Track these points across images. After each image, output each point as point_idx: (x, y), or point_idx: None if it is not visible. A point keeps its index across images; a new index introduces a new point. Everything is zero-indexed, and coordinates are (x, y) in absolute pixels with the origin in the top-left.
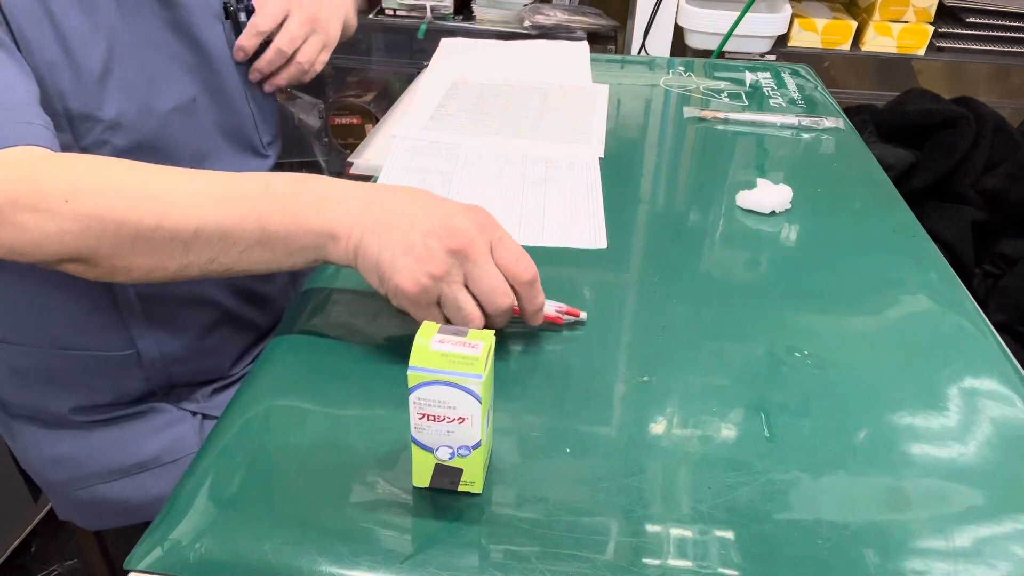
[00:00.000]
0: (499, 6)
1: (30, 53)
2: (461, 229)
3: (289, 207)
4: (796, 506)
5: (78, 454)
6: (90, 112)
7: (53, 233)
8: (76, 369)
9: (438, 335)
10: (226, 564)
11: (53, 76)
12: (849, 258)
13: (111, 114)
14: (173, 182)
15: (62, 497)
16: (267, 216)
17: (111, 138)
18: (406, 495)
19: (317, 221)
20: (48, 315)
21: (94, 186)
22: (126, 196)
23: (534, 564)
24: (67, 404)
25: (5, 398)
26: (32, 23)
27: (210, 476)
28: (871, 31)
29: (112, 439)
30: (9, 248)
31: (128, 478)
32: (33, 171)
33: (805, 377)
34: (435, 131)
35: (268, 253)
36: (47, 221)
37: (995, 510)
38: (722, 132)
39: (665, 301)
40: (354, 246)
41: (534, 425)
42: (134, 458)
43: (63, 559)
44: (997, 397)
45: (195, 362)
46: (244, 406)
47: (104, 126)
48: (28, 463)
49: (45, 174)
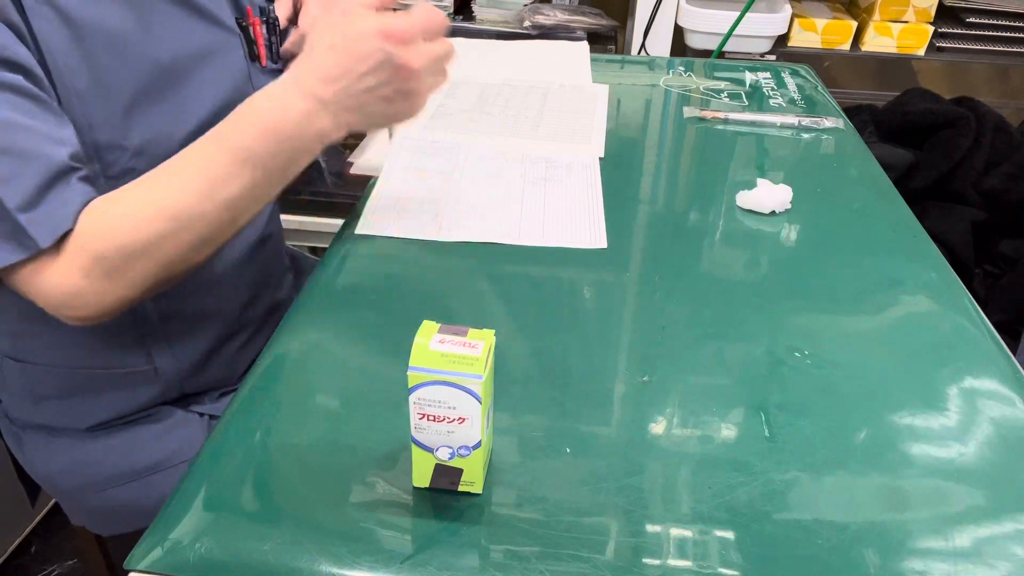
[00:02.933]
0: (499, 6)
1: (62, 84)
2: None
3: (271, 134)
4: (796, 506)
5: (89, 461)
6: (117, 142)
7: (136, 283)
8: (93, 387)
9: (438, 335)
10: (226, 564)
11: (84, 107)
12: (849, 258)
13: (136, 142)
14: (192, 185)
15: (74, 504)
16: (271, 162)
17: (137, 165)
18: (406, 495)
19: (308, 140)
20: (73, 338)
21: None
22: (167, 237)
23: (534, 564)
24: (82, 422)
25: (15, 414)
26: (65, 55)
27: (210, 476)
28: (871, 31)
29: (123, 444)
30: (108, 306)
31: (140, 481)
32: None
33: (805, 377)
34: (436, 130)
35: (288, 168)
36: (124, 279)
37: (995, 510)
38: (722, 132)
39: (665, 301)
40: (345, 130)
41: (534, 425)
42: (145, 461)
43: (63, 559)
44: (997, 397)
45: (209, 373)
46: (244, 407)
47: (130, 154)
48: (37, 472)
49: (98, 237)
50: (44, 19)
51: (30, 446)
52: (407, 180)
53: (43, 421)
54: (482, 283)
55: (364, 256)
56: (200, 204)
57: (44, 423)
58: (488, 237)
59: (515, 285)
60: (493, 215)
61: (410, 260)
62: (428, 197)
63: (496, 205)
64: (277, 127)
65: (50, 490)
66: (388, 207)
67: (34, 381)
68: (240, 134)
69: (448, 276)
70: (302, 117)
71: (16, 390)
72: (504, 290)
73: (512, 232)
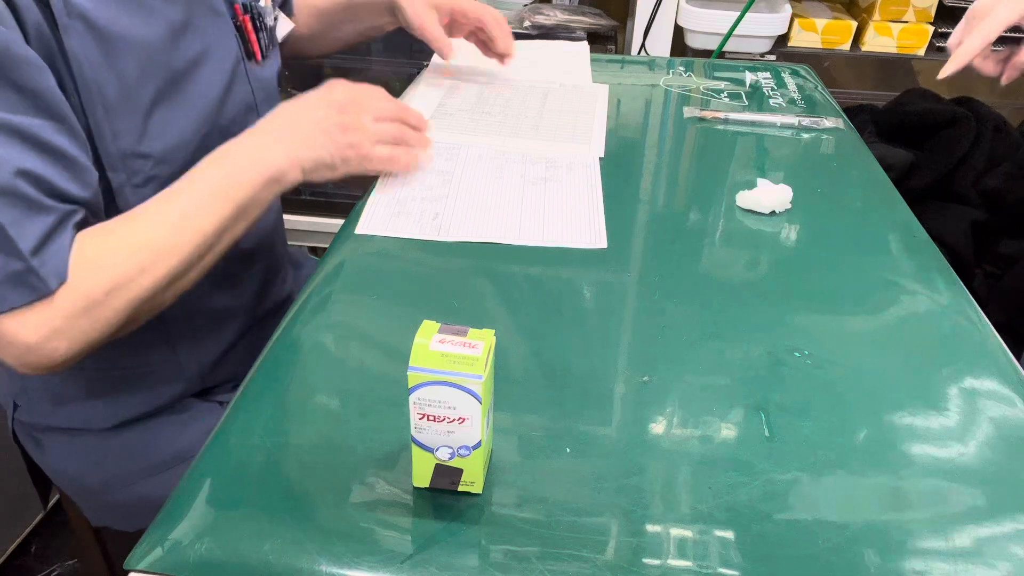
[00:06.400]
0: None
1: (89, 97)
2: (340, 99)
3: (244, 178)
4: (796, 506)
5: (113, 457)
6: (141, 150)
7: (110, 322)
8: (116, 387)
9: (438, 335)
10: (226, 564)
11: (110, 118)
12: (849, 258)
13: (158, 148)
14: (166, 217)
15: (97, 502)
16: (235, 194)
17: (160, 172)
18: (406, 495)
19: (264, 171)
20: None
21: (124, 268)
22: (147, 265)
23: (534, 564)
24: (104, 422)
25: (33, 419)
26: (95, 69)
27: (210, 476)
28: (871, 31)
29: (146, 438)
30: (81, 346)
31: (164, 474)
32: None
33: (805, 377)
34: (435, 130)
35: (252, 211)
36: (103, 317)
37: (995, 510)
38: (722, 132)
39: (665, 301)
40: (298, 170)
41: (534, 425)
42: (168, 453)
43: (63, 559)
44: (997, 397)
45: (229, 367)
46: (244, 406)
47: (153, 162)
48: (59, 473)
49: (85, 277)
50: (76, 34)
51: (51, 447)
52: (407, 180)
53: (63, 424)
54: (482, 283)
55: (364, 256)
56: (174, 236)
57: (64, 425)
58: (488, 237)
59: (515, 285)
60: (493, 215)
61: (410, 260)
62: (428, 197)
63: (496, 205)
64: (228, 151)
65: (73, 490)
66: (388, 207)
67: (56, 384)
68: (202, 168)
69: (448, 276)
70: (251, 147)
71: (36, 394)
72: (504, 290)
73: (512, 232)
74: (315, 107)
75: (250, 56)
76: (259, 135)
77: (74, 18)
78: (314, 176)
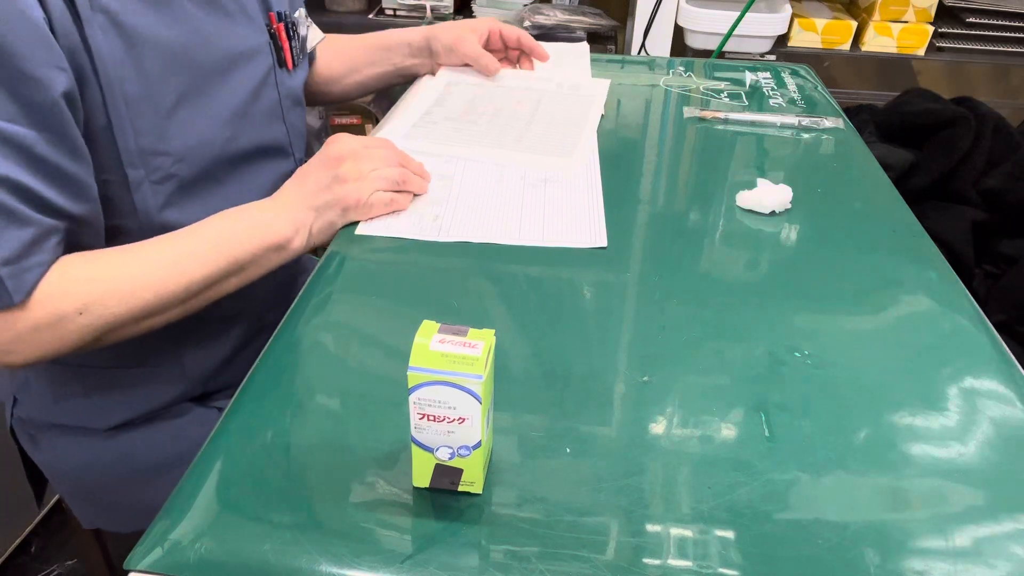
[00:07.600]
0: (499, 6)
1: (112, 92)
2: (336, 153)
3: (244, 237)
4: (796, 506)
5: (109, 458)
6: (161, 148)
7: (73, 341)
8: (118, 386)
9: (438, 335)
10: (226, 564)
11: (132, 114)
12: (849, 258)
13: (178, 147)
14: (159, 256)
15: (92, 503)
16: (232, 251)
17: (179, 171)
18: (406, 495)
19: (268, 237)
20: None
21: (100, 293)
22: (126, 295)
23: (534, 564)
24: (103, 422)
25: (32, 415)
26: (118, 65)
27: (210, 476)
28: (871, 31)
29: (143, 440)
30: (39, 356)
31: (158, 479)
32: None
33: (805, 377)
34: (415, 139)
35: (250, 272)
36: (68, 335)
37: (995, 510)
38: (722, 132)
39: (665, 301)
40: (304, 234)
41: (534, 425)
42: (163, 458)
43: (63, 559)
44: (997, 397)
45: (232, 373)
46: (244, 406)
47: (172, 160)
48: (55, 471)
49: (60, 295)
50: (99, 28)
51: (47, 445)
52: None
53: (62, 421)
54: (482, 283)
55: (364, 256)
56: (158, 272)
57: (62, 423)
58: (488, 237)
59: (515, 285)
60: (493, 215)
61: (410, 260)
62: (428, 198)
63: (496, 205)
64: (242, 211)
65: (67, 490)
66: None
67: (59, 381)
68: (211, 219)
69: (448, 276)
70: (261, 211)
71: (37, 390)
72: (504, 290)
73: (512, 232)
74: (316, 168)
75: (282, 64)
76: (272, 202)
77: (97, 11)
78: (322, 238)
